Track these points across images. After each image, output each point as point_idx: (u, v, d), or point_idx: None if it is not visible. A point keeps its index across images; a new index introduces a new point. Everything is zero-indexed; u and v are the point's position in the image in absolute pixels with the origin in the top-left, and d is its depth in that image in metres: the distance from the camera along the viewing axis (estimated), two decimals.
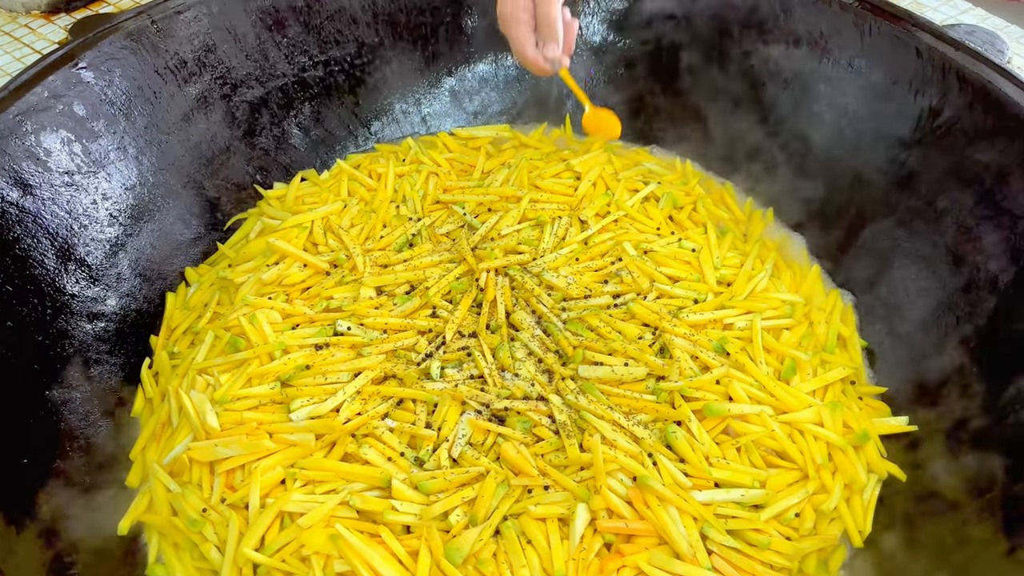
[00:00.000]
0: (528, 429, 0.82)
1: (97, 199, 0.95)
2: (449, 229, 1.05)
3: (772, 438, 0.82)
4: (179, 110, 1.04)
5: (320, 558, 0.72)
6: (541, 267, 0.98)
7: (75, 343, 0.89)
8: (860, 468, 0.82)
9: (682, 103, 1.21)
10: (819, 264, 1.05)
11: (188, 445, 0.80)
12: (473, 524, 0.74)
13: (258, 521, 0.74)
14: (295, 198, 1.10)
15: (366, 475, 0.77)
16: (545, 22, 0.90)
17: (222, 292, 0.99)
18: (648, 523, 0.74)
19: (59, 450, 0.81)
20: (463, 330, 0.92)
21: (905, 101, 0.96)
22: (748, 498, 0.78)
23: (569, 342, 0.89)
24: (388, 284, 0.96)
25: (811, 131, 1.07)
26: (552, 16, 0.90)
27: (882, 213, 0.99)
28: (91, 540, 0.77)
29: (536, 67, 0.94)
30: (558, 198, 1.08)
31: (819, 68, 1.04)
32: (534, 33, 0.93)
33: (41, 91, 0.90)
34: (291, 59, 1.14)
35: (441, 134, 1.24)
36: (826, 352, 0.93)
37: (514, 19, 0.92)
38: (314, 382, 0.85)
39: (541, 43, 0.92)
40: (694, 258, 1.01)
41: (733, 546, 0.74)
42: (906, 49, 0.95)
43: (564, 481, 0.77)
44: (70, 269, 0.91)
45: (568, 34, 0.93)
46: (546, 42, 0.92)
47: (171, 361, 0.92)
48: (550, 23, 0.90)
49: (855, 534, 0.79)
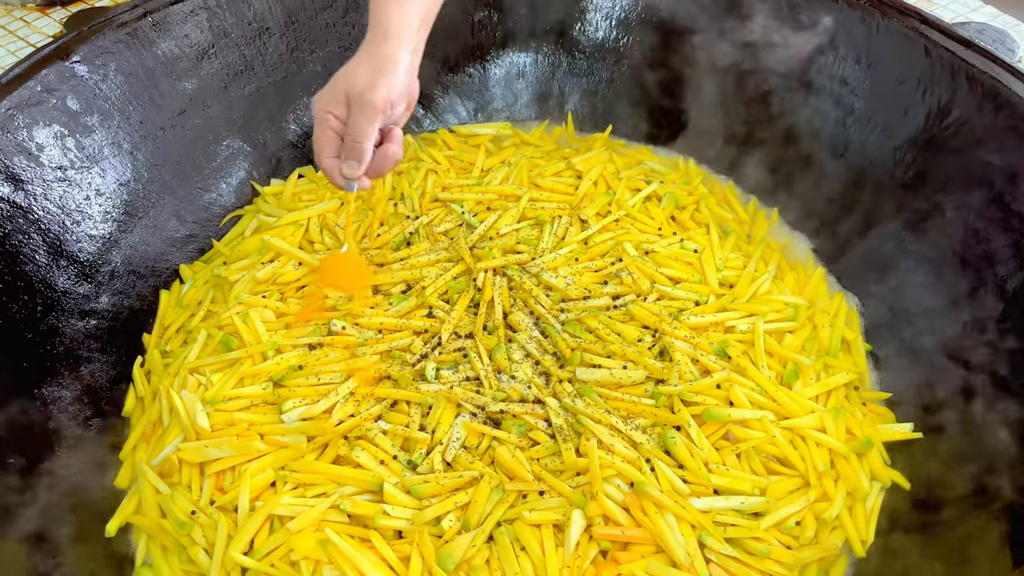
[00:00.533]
0: (524, 433, 0.81)
1: (90, 195, 0.94)
2: (447, 228, 1.03)
3: (773, 444, 0.80)
4: (175, 105, 1.03)
5: (309, 563, 0.70)
6: (540, 267, 0.96)
7: (66, 341, 0.88)
8: (863, 476, 0.80)
9: (685, 101, 1.19)
10: (824, 266, 1.04)
11: (178, 446, 0.79)
12: (466, 530, 0.72)
13: (247, 524, 0.73)
14: (292, 195, 1.09)
15: (358, 478, 0.76)
16: (351, 138, 0.77)
17: (216, 290, 0.97)
18: (645, 530, 0.73)
19: (48, 449, 0.80)
20: (459, 331, 0.91)
21: (913, 100, 0.94)
22: (748, 506, 0.76)
23: (567, 344, 0.88)
24: (384, 283, 0.95)
25: (816, 130, 1.05)
26: (361, 133, 0.76)
27: (888, 215, 0.97)
28: (78, 542, 0.76)
29: (331, 177, 0.80)
30: (558, 197, 1.07)
31: (825, 66, 1.02)
32: (340, 142, 0.79)
33: (34, 85, 0.89)
34: (288, 53, 1.12)
35: (441, 131, 1.22)
36: (829, 356, 0.91)
37: (320, 120, 0.78)
38: (307, 383, 0.83)
39: (344, 156, 0.78)
40: (696, 259, 0.99)
41: (732, 555, 0.73)
42: (914, 47, 0.93)
43: (560, 486, 0.75)
44: (61, 265, 0.89)
45: (382, 161, 0.79)
46: (347, 159, 0.77)
47: (163, 360, 0.91)
48: (356, 141, 0.76)
49: (857, 543, 0.77)
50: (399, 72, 0.76)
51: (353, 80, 0.76)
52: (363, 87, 0.75)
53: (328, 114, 0.78)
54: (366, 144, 0.77)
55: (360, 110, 0.75)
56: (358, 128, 0.76)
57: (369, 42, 0.78)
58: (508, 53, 1.25)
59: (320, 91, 0.79)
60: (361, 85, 0.75)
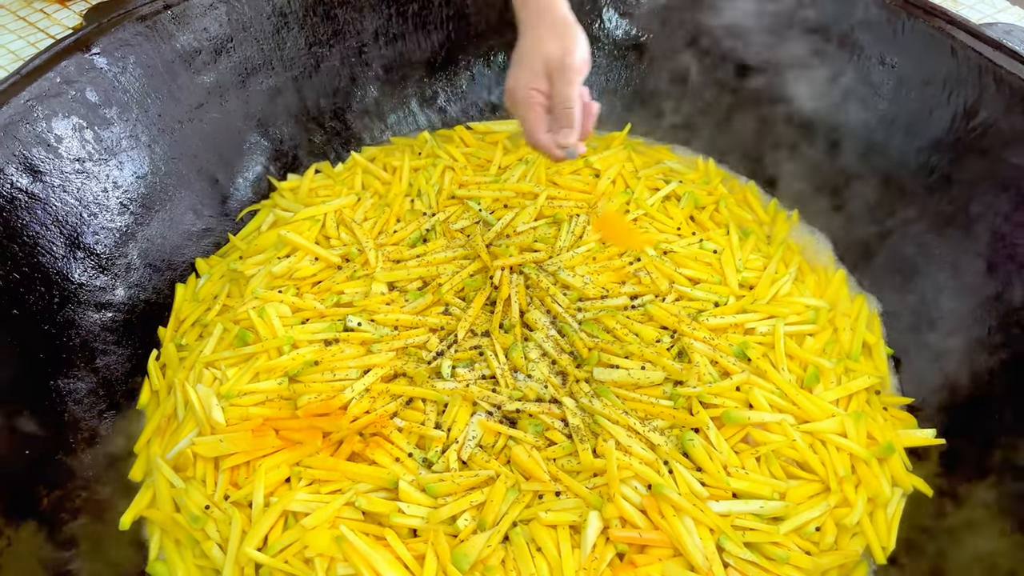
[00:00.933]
0: (540, 432, 0.80)
1: (108, 187, 0.94)
2: (464, 225, 1.03)
3: (793, 448, 0.79)
4: (193, 98, 1.03)
5: (324, 560, 0.70)
6: (557, 266, 0.95)
7: (82, 333, 0.87)
8: (884, 481, 0.79)
9: (704, 101, 1.18)
10: (845, 269, 1.02)
11: (193, 440, 0.79)
12: (481, 529, 0.71)
13: (261, 520, 0.72)
14: (308, 190, 1.08)
15: (373, 476, 0.75)
16: (562, 105, 0.78)
17: (232, 284, 0.97)
18: (663, 533, 0.72)
19: (62, 441, 0.80)
20: (476, 329, 0.90)
21: (939, 102, 0.92)
22: (767, 510, 0.75)
23: (584, 343, 0.87)
24: (400, 280, 0.94)
25: (839, 131, 1.04)
26: (570, 99, 0.77)
27: (912, 217, 0.95)
28: (92, 534, 0.75)
29: (549, 152, 0.81)
30: (576, 195, 1.06)
31: (850, 66, 1.01)
32: (548, 115, 0.80)
33: (53, 76, 0.88)
34: (307, 49, 1.12)
35: (458, 128, 1.22)
36: (851, 360, 0.90)
37: (525, 99, 0.79)
38: (322, 378, 0.83)
39: (555, 127, 0.79)
40: (715, 260, 0.98)
41: (750, 559, 0.72)
42: (941, 47, 0.91)
43: (576, 487, 0.74)
44: (78, 257, 0.89)
45: (586, 119, 0.80)
46: (561, 127, 0.78)
47: (179, 353, 0.91)
48: (566, 107, 0.77)
49: (878, 550, 0.76)
50: (580, 31, 0.80)
51: (548, 52, 0.78)
52: (561, 54, 0.78)
53: (533, 91, 0.80)
54: (576, 108, 0.78)
55: (564, 77, 0.78)
56: (565, 95, 0.78)
57: (537, 15, 0.81)
58: None
59: (512, 76, 0.81)
60: (558, 53, 0.78)
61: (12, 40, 1.30)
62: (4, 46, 1.28)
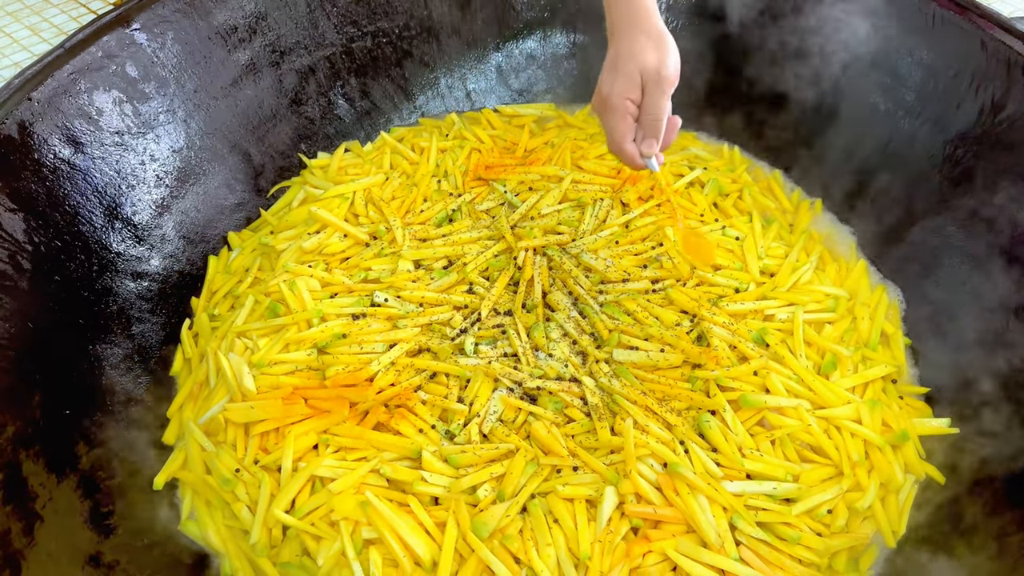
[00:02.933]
0: (560, 409, 0.82)
1: (145, 160, 0.96)
2: (489, 206, 1.04)
3: (808, 432, 0.80)
4: (228, 75, 1.05)
5: (349, 524, 0.72)
6: (580, 248, 0.97)
7: (119, 300, 0.90)
8: (897, 468, 0.80)
9: (732, 88, 1.18)
10: (866, 259, 1.03)
11: (224, 406, 0.81)
12: (501, 500, 0.74)
13: (290, 484, 0.75)
14: (338, 168, 1.10)
15: (397, 445, 0.78)
16: (652, 116, 0.79)
17: (263, 258, 1.00)
18: (677, 510, 0.74)
19: (100, 403, 0.83)
20: (499, 308, 0.92)
21: (966, 95, 0.93)
22: (780, 491, 0.76)
23: (605, 325, 0.88)
24: (426, 258, 0.96)
25: (866, 122, 1.04)
26: (661, 109, 0.79)
27: (935, 209, 0.96)
28: (127, 492, 0.79)
29: (632, 162, 0.82)
30: (600, 180, 1.07)
31: (879, 57, 1.01)
32: (635, 124, 0.81)
33: (95, 51, 0.91)
34: (340, 29, 1.14)
35: (485, 110, 1.23)
36: (868, 348, 0.91)
37: (618, 108, 0.80)
38: (350, 351, 0.85)
39: (640, 136, 0.80)
40: (737, 246, 0.99)
41: (762, 538, 0.73)
42: (971, 40, 0.92)
43: (594, 463, 0.77)
44: (116, 228, 0.92)
45: (669, 132, 0.82)
46: (646, 137, 0.80)
47: (211, 323, 0.94)
48: (656, 118, 0.79)
49: (888, 534, 0.77)
50: (673, 42, 0.80)
51: (645, 62, 0.79)
52: (656, 65, 0.78)
53: (627, 101, 0.80)
54: (664, 119, 0.79)
55: (659, 88, 0.78)
56: (658, 105, 0.79)
57: (633, 22, 0.81)
58: (554, 34, 1.25)
59: (607, 82, 0.81)
60: (654, 63, 0.78)
61: (56, 14, 1.33)
62: (48, 20, 1.31)
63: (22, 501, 0.68)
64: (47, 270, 0.82)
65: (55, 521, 0.70)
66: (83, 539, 0.71)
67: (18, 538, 0.65)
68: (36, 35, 1.29)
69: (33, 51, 1.30)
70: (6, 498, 0.67)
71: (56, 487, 0.72)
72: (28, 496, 0.69)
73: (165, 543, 0.77)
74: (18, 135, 0.83)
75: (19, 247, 0.80)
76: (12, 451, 0.70)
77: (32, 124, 0.84)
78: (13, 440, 0.71)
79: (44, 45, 1.30)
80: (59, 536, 0.69)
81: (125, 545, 0.74)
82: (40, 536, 0.67)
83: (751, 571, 0.71)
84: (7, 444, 0.70)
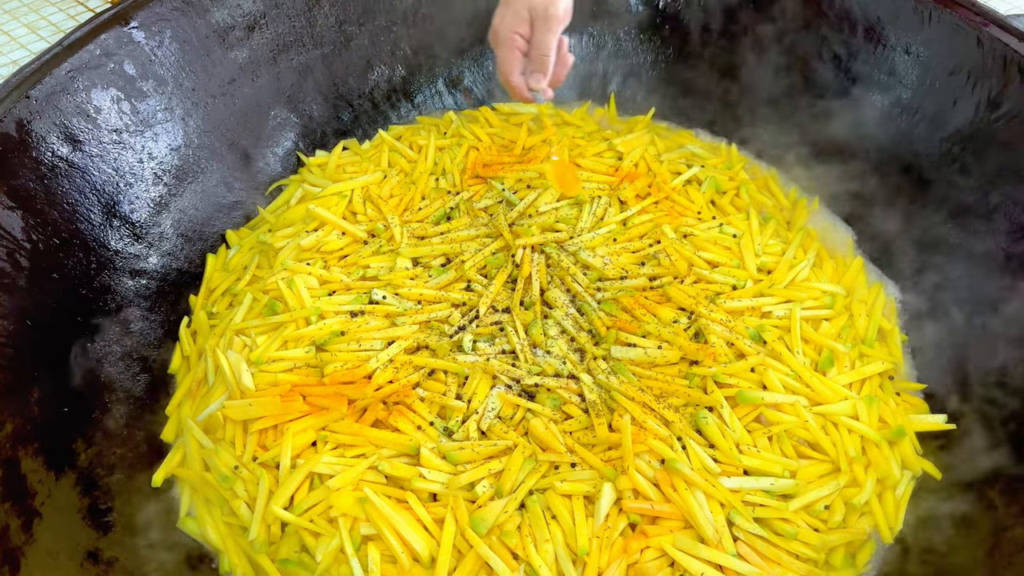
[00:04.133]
0: (558, 406, 0.82)
1: (143, 158, 0.97)
2: (487, 204, 1.05)
3: (805, 429, 0.81)
4: (226, 74, 1.05)
5: (347, 520, 0.73)
6: (578, 246, 0.97)
7: (117, 298, 0.91)
8: (894, 464, 0.81)
9: (729, 87, 1.18)
10: (864, 256, 1.03)
11: (223, 403, 0.82)
12: (499, 496, 0.74)
13: (288, 480, 0.75)
14: (336, 166, 1.11)
15: (396, 442, 0.78)
16: (539, 52, 0.84)
17: (261, 256, 1.00)
18: (674, 506, 0.74)
19: (98, 401, 0.83)
20: (497, 305, 0.92)
21: (963, 92, 0.93)
22: (777, 487, 0.77)
23: (603, 322, 0.89)
24: (424, 256, 0.97)
25: (863, 119, 1.05)
26: (547, 46, 0.84)
27: (932, 206, 0.96)
28: (126, 489, 0.79)
29: (518, 94, 0.88)
30: (598, 177, 1.07)
31: (875, 54, 1.02)
32: (524, 57, 0.87)
33: (94, 49, 0.91)
34: (337, 27, 1.14)
35: (483, 109, 1.23)
36: (865, 345, 0.91)
37: (506, 41, 0.86)
38: (348, 348, 0.85)
39: (529, 71, 0.86)
40: (735, 244, 0.99)
41: (759, 534, 0.74)
42: (967, 38, 0.92)
43: (591, 459, 0.77)
44: (115, 226, 0.92)
45: (559, 68, 0.87)
46: (534, 71, 0.86)
47: (209, 321, 0.94)
48: (543, 54, 0.84)
49: (885, 530, 0.78)
50: None
51: (533, 0, 0.83)
52: (545, 3, 0.83)
53: (515, 35, 0.85)
54: (552, 56, 0.85)
55: (546, 25, 0.83)
56: (544, 42, 0.84)
57: None
58: None
59: (498, 18, 0.87)
60: (542, 2, 0.83)
61: (54, 12, 1.33)
62: (46, 18, 1.31)
63: (21, 498, 0.68)
64: (45, 268, 0.83)
65: (54, 518, 0.70)
66: (82, 535, 0.72)
67: (17, 534, 0.65)
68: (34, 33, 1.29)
69: (31, 49, 1.30)
70: (5, 495, 0.67)
71: (55, 484, 0.73)
72: (27, 493, 0.69)
73: (163, 540, 0.77)
74: (16, 133, 0.83)
75: (17, 245, 0.80)
76: (11, 448, 0.70)
77: (30, 122, 0.84)
78: (12, 437, 0.71)
79: (42, 43, 1.30)
80: (58, 533, 0.69)
81: (123, 542, 0.74)
82: (39, 532, 0.68)
83: (748, 567, 0.71)
84: (6, 441, 0.70)
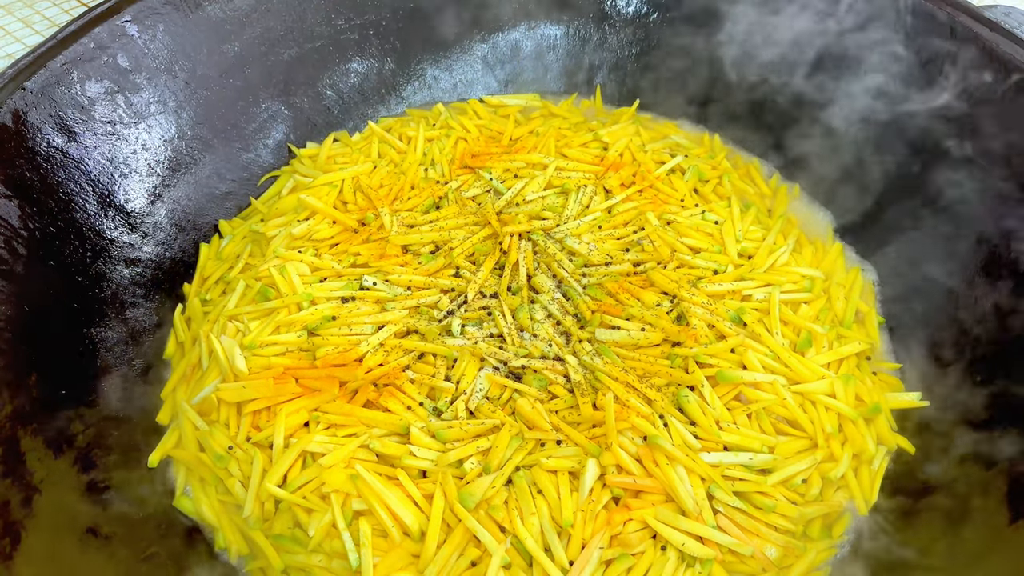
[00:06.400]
0: (544, 387, 0.84)
1: (137, 149, 0.98)
2: (475, 193, 1.07)
3: (783, 407, 0.83)
4: (218, 67, 1.07)
5: (339, 496, 0.75)
6: (564, 233, 0.99)
7: (112, 286, 0.92)
8: (869, 439, 0.83)
9: (711, 78, 1.21)
10: (842, 241, 1.06)
11: (217, 386, 0.84)
12: (486, 472, 0.76)
13: (281, 459, 0.77)
14: (327, 157, 1.13)
15: (386, 421, 0.80)
16: None
17: (254, 244, 1.02)
18: (656, 480, 0.76)
19: (95, 385, 0.85)
20: (485, 290, 0.94)
21: (938, 81, 0.95)
22: (756, 462, 0.79)
23: (588, 306, 0.91)
24: (414, 243, 0.99)
25: (840, 108, 1.07)
26: None
27: (908, 190, 0.99)
28: (123, 469, 0.81)
29: None
30: (584, 167, 1.10)
31: (851, 44, 1.04)
32: None
33: (87, 42, 0.93)
34: (328, 21, 1.16)
35: (471, 101, 1.25)
36: (843, 327, 0.93)
37: None
38: (339, 332, 0.87)
39: None
40: (716, 230, 1.02)
41: (739, 507, 0.76)
42: (941, 28, 0.94)
43: (576, 436, 0.79)
44: (110, 215, 0.94)
45: None
46: None
47: (203, 308, 0.96)
48: None
49: (861, 503, 0.80)
50: None
51: None
52: None
53: None
54: None
55: None
56: None
57: None
58: (540, 26, 1.27)
59: None
60: None
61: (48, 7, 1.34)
62: (40, 12, 1.33)
63: (20, 475, 0.70)
64: (42, 255, 0.84)
65: (53, 494, 0.72)
66: (81, 512, 0.74)
67: (17, 509, 0.67)
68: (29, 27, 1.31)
69: (26, 43, 1.32)
70: (5, 472, 0.69)
71: (54, 462, 0.74)
72: (26, 471, 0.71)
73: (160, 517, 0.79)
74: (12, 123, 0.85)
75: (14, 232, 0.82)
76: (10, 428, 0.72)
77: (26, 113, 0.86)
78: (11, 418, 0.73)
79: (37, 37, 1.32)
80: (57, 509, 0.71)
81: (122, 517, 0.76)
82: (39, 508, 0.69)
83: (728, 538, 0.74)
84: (5, 421, 0.72)
